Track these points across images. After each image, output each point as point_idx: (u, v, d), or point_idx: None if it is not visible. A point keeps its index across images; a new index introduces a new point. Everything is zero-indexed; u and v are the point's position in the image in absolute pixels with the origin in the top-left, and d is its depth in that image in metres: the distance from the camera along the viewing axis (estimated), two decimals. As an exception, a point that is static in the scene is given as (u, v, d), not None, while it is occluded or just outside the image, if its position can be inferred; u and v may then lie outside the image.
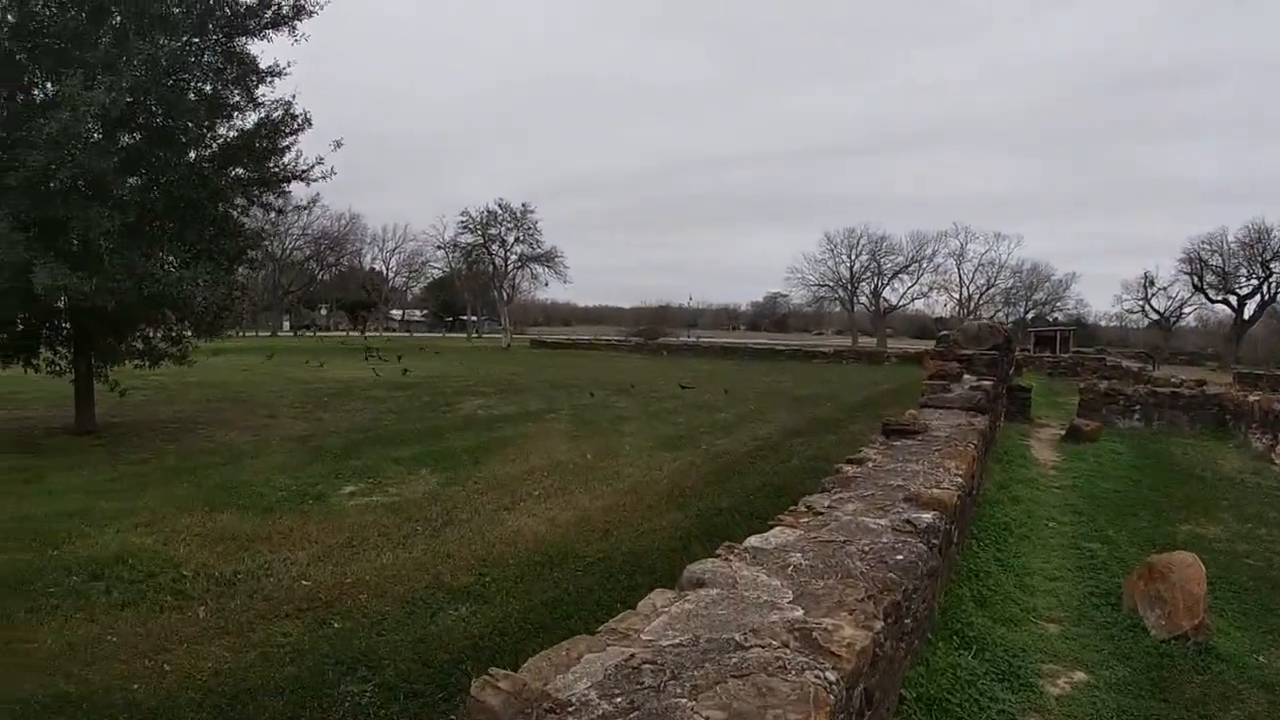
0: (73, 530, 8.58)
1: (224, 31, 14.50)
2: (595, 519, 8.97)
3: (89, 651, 5.70)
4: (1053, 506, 9.85)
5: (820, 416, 18.51)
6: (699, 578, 3.66)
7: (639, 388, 25.12)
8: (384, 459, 12.65)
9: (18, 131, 12.27)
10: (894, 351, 52.32)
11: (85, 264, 12.46)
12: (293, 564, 7.55)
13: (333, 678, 5.21)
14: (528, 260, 68.86)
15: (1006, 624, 5.69)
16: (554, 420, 17.25)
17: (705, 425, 16.57)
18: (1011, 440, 14.56)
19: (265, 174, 15.57)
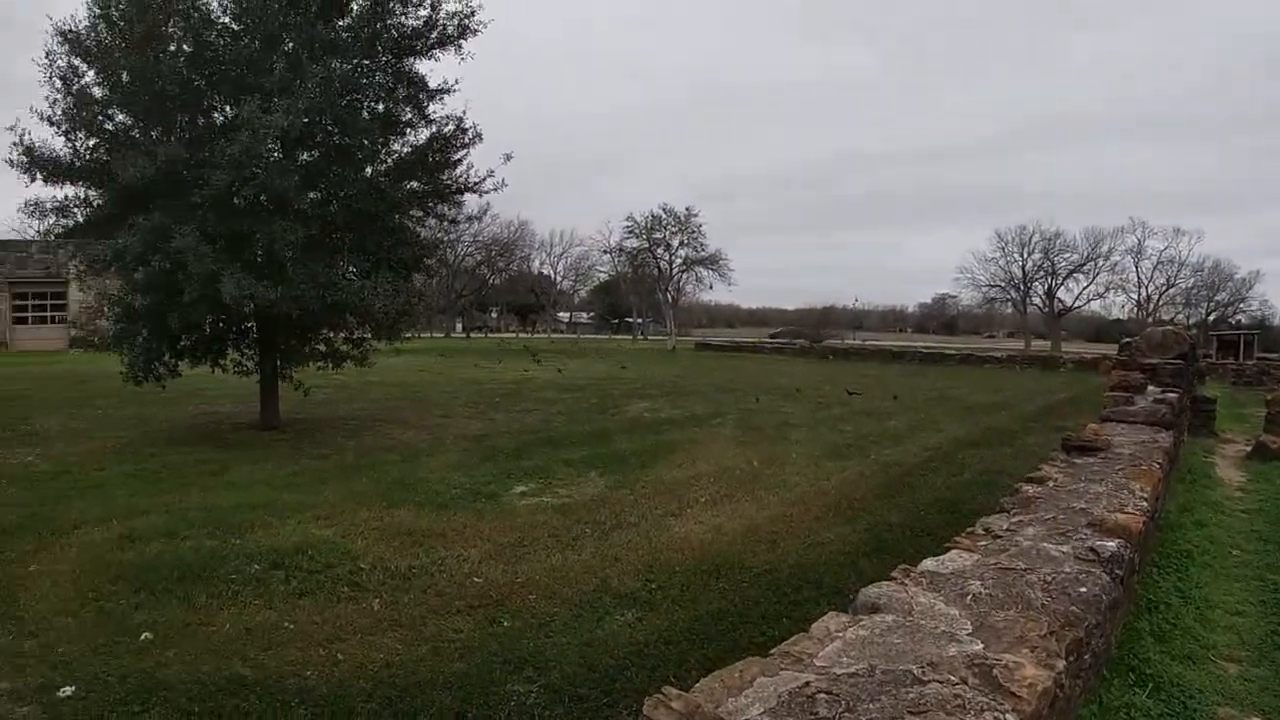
0: (255, 521, 8.97)
1: (392, 53, 15.11)
2: (762, 529, 8.83)
3: (266, 637, 5.94)
4: (1237, 532, 9.15)
5: (993, 426, 17.83)
6: (874, 602, 3.57)
7: (805, 392, 24.77)
8: (554, 460, 12.84)
9: (201, 153, 13.11)
10: (1069, 356, 49.57)
11: (270, 274, 13.21)
12: (465, 561, 7.71)
13: (500, 676, 5.27)
14: (692, 263, 69.03)
15: (1184, 661, 5.31)
16: (720, 425, 17.17)
17: (874, 433, 16.19)
18: (1194, 457, 13.65)
19: (439, 186, 16.15)
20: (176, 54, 13.53)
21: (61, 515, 9.28)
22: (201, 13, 13.66)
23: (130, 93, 13.42)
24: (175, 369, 15.07)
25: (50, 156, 13.85)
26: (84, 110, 13.78)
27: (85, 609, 6.53)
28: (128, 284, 14.71)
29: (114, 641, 5.88)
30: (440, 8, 15.00)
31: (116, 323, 14.93)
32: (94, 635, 5.99)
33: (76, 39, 13.56)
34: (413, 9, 14.95)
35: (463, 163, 16.03)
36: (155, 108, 13.52)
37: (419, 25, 15.02)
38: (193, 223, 12.66)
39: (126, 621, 6.24)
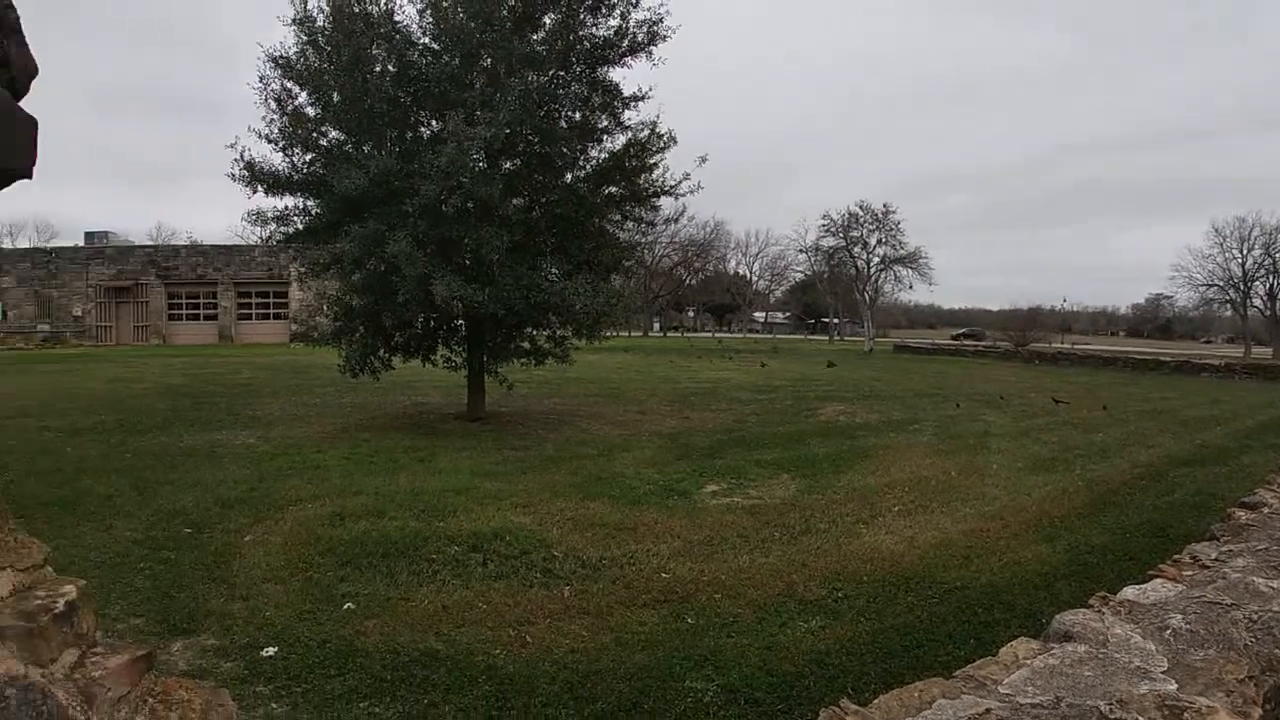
0: (458, 505, 9.44)
1: (586, 63, 15.47)
2: (955, 543, 8.53)
3: (460, 615, 6.25)
4: None
5: (1208, 443, 16.59)
6: (1067, 630, 3.42)
7: (1008, 400, 23.80)
8: (746, 461, 12.85)
9: (411, 165, 13.88)
10: (1294, 365, 45.00)
11: (478, 276, 13.95)
12: (654, 556, 7.85)
13: (679, 671, 5.34)
14: (890, 262, 67.24)
15: None
16: (917, 432, 16.73)
17: (1080, 446, 15.37)
18: None
19: (636, 190, 16.43)
20: (382, 74, 14.46)
21: (278, 492, 10.09)
22: (403, 35, 14.61)
23: (341, 111, 14.49)
24: (389, 363, 16.13)
25: (270, 171, 15.21)
26: (299, 128, 15.03)
27: (294, 578, 7.06)
28: (346, 285, 15.96)
29: (318, 609, 6.34)
30: (630, 16, 15.28)
31: (335, 320, 16.21)
32: (299, 602, 6.48)
33: (288, 64, 14.80)
34: (603, 19, 15.34)
35: (658, 166, 16.27)
36: (365, 124, 14.48)
37: (610, 35, 15.35)
38: (405, 229, 13.45)
39: (331, 591, 6.73)
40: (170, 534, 8.33)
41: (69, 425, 15.03)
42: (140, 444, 13.28)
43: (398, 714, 4.79)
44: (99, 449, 12.77)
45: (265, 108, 15.01)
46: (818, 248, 72.14)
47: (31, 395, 19.91)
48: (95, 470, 11.22)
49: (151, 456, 12.30)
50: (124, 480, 10.65)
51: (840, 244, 68.55)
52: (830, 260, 72.42)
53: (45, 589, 2.04)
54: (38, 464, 11.55)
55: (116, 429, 14.71)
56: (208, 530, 8.48)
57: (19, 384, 22.81)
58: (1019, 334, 64.41)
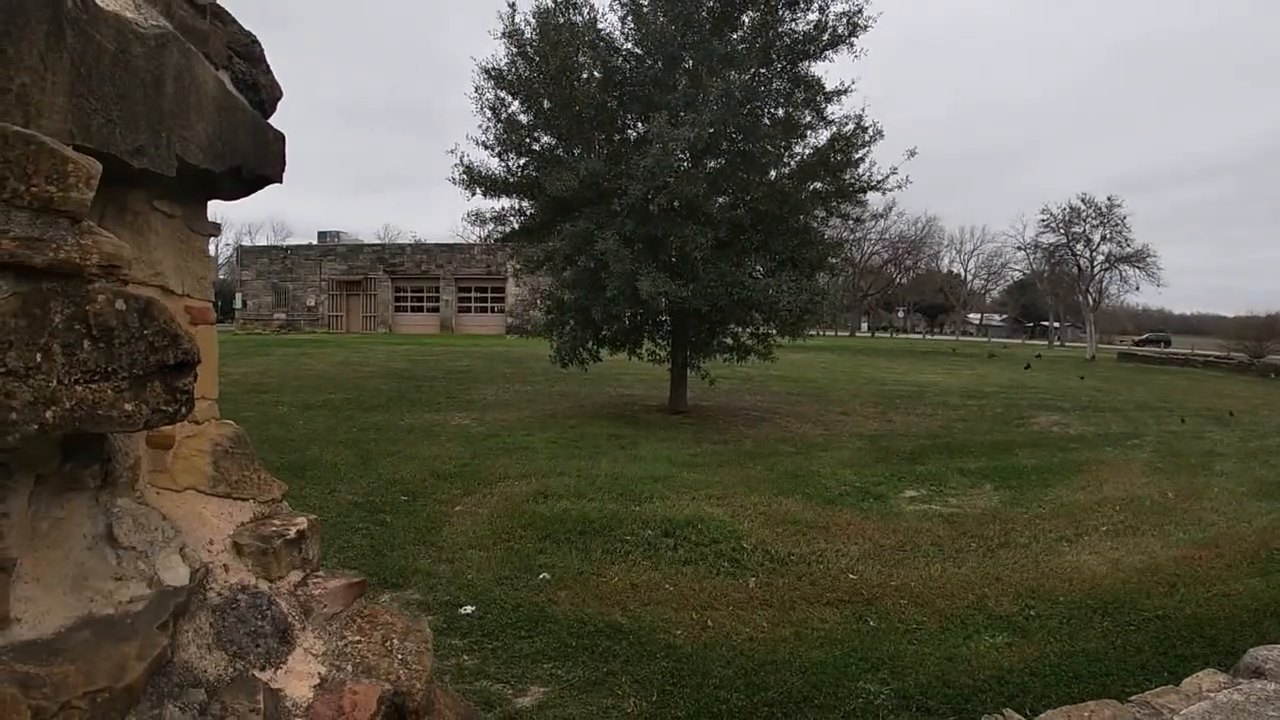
0: (654, 492, 9.82)
1: (786, 59, 15.59)
2: (1163, 569, 8.02)
3: (646, 594, 6.53)
4: None
5: None
6: (1259, 666, 3.27)
7: (1239, 417, 22.13)
8: (948, 468, 12.60)
9: (618, 166, 14.37)
10: None
11: (683, 273, 14.31)
12: (843, 556, 7.87)
13: (854, 672, 5.36)
14: (1115, 261, 62.76)
15: None
16: (1135, 447, 15.81)
17: (1316, 472, 14.17)
18: None
19: (841, 186, 16.37)
20: (589, 81, 15.06)
21: (488, 469, 10.80)
22: (607, 42, 15.25)
23: (551, 117, 15.26)
24: (597, 354, 16.80)
25: (487, 174, 16.16)
26: (513, 135, 15.85)
27: (496, 546, 7.62)
28: (558, 281, 16.77)
29: (515, 576, 6.83)
30: (829, 9, 15.29)
31: (547, 313, 17.10)
32: (499, 568, 6.99)
33: (500, 75, 15.62)
34: (801, 14, 15.41)
35: (864, 161, 16.18)
36: (574, 129, 15.17)
37: (809, 29, 15.42)
38: (613, 228, 14.01)
39: (529, 562, 7.21)
40: (388, 500, 9.14)
41: (301, 401, 16.44)
42: (365, 420, 14.36)
43: (578, 678, 5.08)
44: (327, 423, 13.89)
45: (481, 116, 16.02)
46: (1036, 245, 68.26)
47: (268, 374, 21.81)
48: (323, 441, 12.25)
49: (375, 431, 13.30)
50: (349, 451, 11.59)
51: (1061, 240, 64.62)
52: (1050, 258, 68.58)
53: (281, 519, 2.49)
54: (271, 433, 12.72)
55: (344, 406, 15.95)
56: (421, 499, 9.20)
57: (257, 364, 24.94)
58: (1255, 344, 59.11)
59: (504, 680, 5.01)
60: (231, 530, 2.31)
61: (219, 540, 2.25)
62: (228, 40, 2.42)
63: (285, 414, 14.74)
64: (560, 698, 4.83)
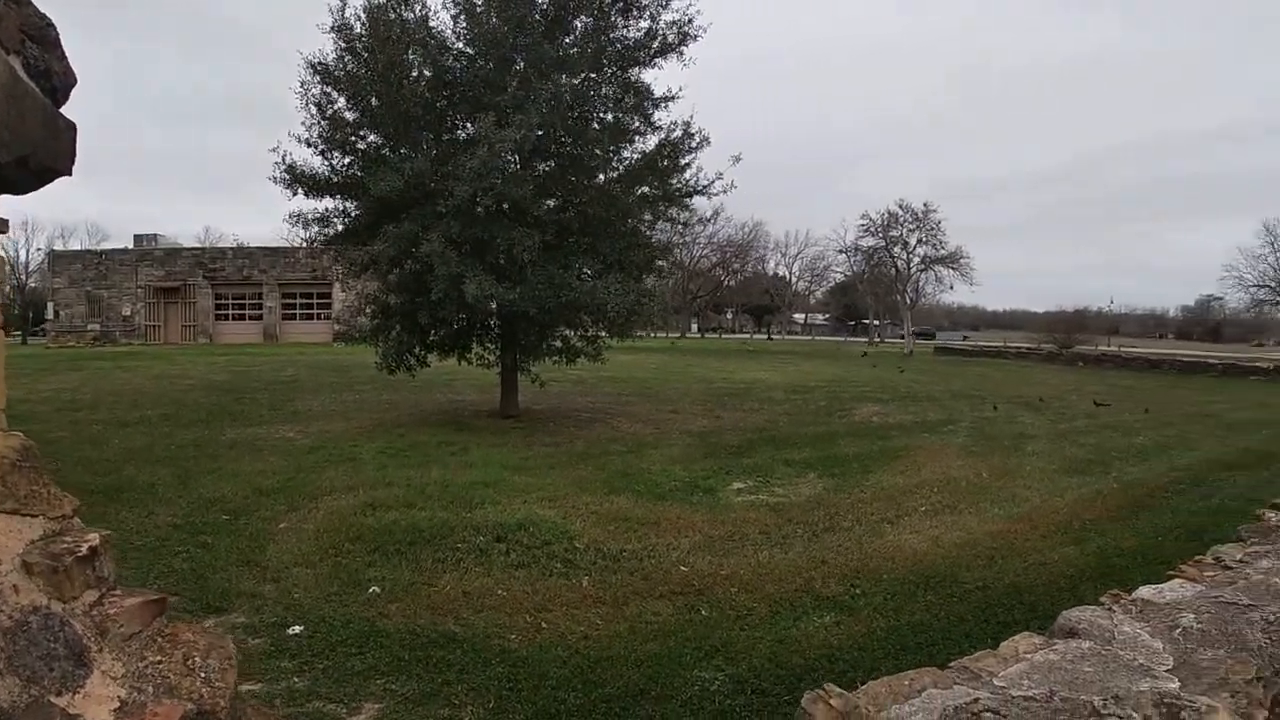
0: (486, 498, 9.63)
1: (617, 65, 15.64)
2: (981, 544, 8.48)
3: (479, 601, 6.41)
4: None
5: (1252, 448, 16.28)
6: (1072, 626, 3.41)
7: (1048, 402, 23.53)
8: (774, 459, 12.87)
9: (445, 167, 14.09)
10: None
11: (510, 276, 14.16)
12: (674, 550, 7.93)
13: (689, 661, 5.43)
14: (931, 262, 66.33)
15: None
16: (951, 433, 16.62)
17: (1118, 449, 15.20)
18: None
19: (668, 191, 16.43)
20: (418, 79, 14.73)
21: (314, 483, 10.36)
22: (438, 40, 14.86)
23: (378, 115, 14.77)
24: (424, 361, 16.46)
25: (310, 174, 15.50)
26: (338, 132, 15.29)
27: (323, 562, 7.29)
28: (383, 285, 16.22)
29: (344, 592, 6.56)
30: (660, 17, 15.42)
31: (373, 318, 16.49)
32: (327, 585, 6.70)
33: (326, 70, 15.05)
34: (634, 21, 15.49)
35: (691, 166, 16.33)
36: (401, 128, 14.78)
37: (640, 36, 15.51)
38: (439, 230, 13.68)
39: (358, 576, 6.94)
40: (208, 520, 8.63)
41: (116, 418, 15.48)
42: (184, 436, 13.62)
43: (413, 691, 4.93)
44: (144, 441, 13.12)
45: (306, 113, 15.34)
46: (857, 248, 71.34)
47: (81, 390, 20.47)
48: (139, 460, 11.56)
49: (194, 448, 12.62)
50: (167, 470, 10.96)
51: (880, 244, 67.73)
52: (870, 260, 71.64)
53: (72, 536, 2.30)
54: (84, 454, 11.93)
55: (161, 422, 15.09)
56: (244, 517, 8.75)
57: (70, 380, 23.32)
58: (1063, 336, 63.48)
59: (337, 700, 4.81)
60: (20, 549, 2.13)
61: (7, 560, 2.08)
62: (20, 23, 2.24)
63: (99, 433, 13.84)
64: (395, 713, 4.68)
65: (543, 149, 15.14)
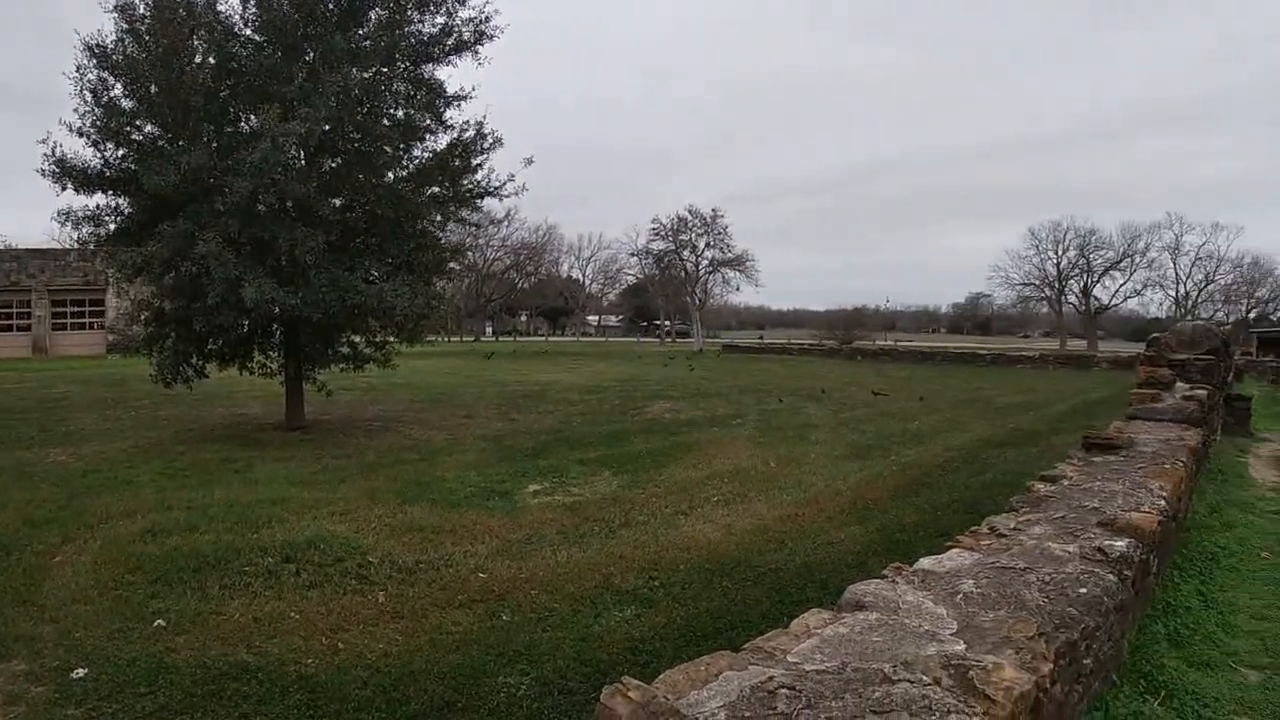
0: (273, 516, 9.17)
1: (411, 60, 15.24)
2: (772, 528, 8.80)
3: (272, 626, 6.09)
4: (1269, 534, 8.92)
5: (1021, 427, 17.64)
6: (859, 600, 3.52)
7: (830, 394, 24.65)
8: (569, 460, 12.90)
9: (225, 161, 13.29)
10: (1105, 356, 48.79)
11: (292, 279, 13.50)
12: (472, 556, 7.80)
13: (494, 668, 5.35)
14: (719, 265, 68.66)
15: (1202, 668, 5.14)
16: (740, 426, 17.13)
17: (896, 434, 16.08)
18: (1227, 456, 13.43)
19: (459, 191, 16.15)
20: (202, 66, 13.79)
21: (89, 510, 9.52)
22: (225, 25, 13.99)
23: (157, 104, 13.70)
24: (203, 371, 15.44)
25: (80, 167, 14.14)
26: (113, 121, 14.03)
27: (103, 597, 6.72)
28: (157, 289, 15.10)
29: (128, 628, 6.07)
30: (457, 14, 15.14)
31: (147, 326, 15.30)
32: (110, 622, 6.18)
33: (104, 53, 13.83)
34: (429, 16, 15.12)
35: (483, 167, 16.06)
36: (181, 118, 13.74)
37: (436, 32, 15.16)
38: (217, 229, 12.87)
39: (142, 609, 6.44)
40: (-25, 559, 7.77)
41: None
42: (-59, 466, 12.25)
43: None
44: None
45: (80, 99, 13.99)
46: (648, 251, 73.00)
47: None
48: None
49: (-47, 479, 11.38)
50: (-78, 506, 9.82)
51: (670, 247, 69.53)
52: (660, 263, 73.28)
53: None
54: None
55: (-88, 452, 13.53)
56: (16, 553, 7.94)
57: None
58: (843, 332, 67.15)
59: (128, 748, 4.45)
60: None
61: None
62: None
63: None
64: (192, 755, 4.37)
65: (329, 145, 14.58)
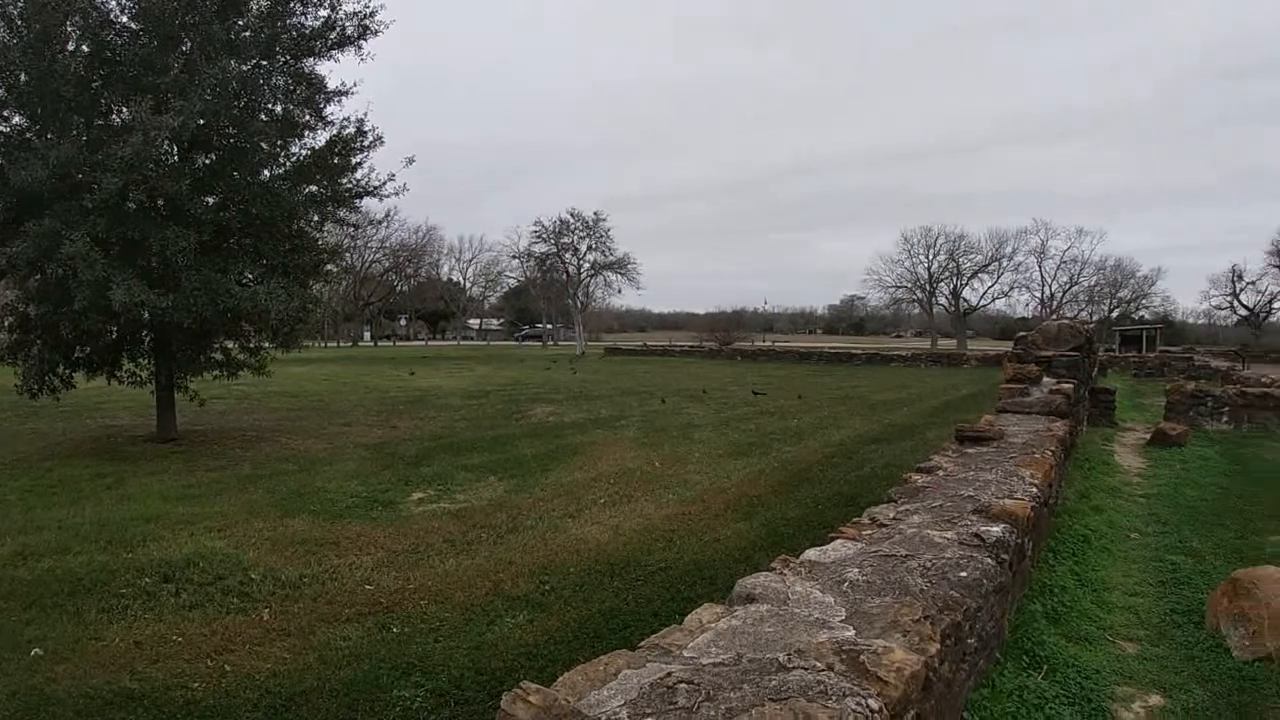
0: (148, 534, 8.82)
1: (291, 54, 14.84)
2: (659, 528, 8.88)
3: (154, 650, 5.85)
4: (1136, 516, 9.43)
5: (896, 422, 18.16)
6: (750, 593, 3.56)
7: (711, 394, 24.96)
8: (454, 466, 12.75)
9: (95, 156, 12.62)
10: (974, 354, 50.97)
11: (164, 281, 12.92)
12: (358, 569, 7.64)
13: (387, 682, 5.25)
14: (600, 268, 68.65)
15: (1081, 643, 5.41)
16: (624, 427, 17.19)
17: (777, 432, 16.36)
18: (1094, 446, 14.08)
19: (338, 190, 15.72)
20: (75, 54, 13.09)
21: (-48, 535, 8.97)
22: (100, 12, 13.25)
23: (26, 94, 12.94)
24: (70, 381, 14.74)
25: None
26: None
27: None
28: (22, 293, 14.23)
29: (4, 658, 5.79)
30: (340, 8, 14.80)
31: (10, 333, 14.43)
32: None
33: None
34: (312, 9, 14.74)
35: (363, 166, 15.72)
36: (50, 109, 13.02)
37: (318, 26, 14.78)
38: (85, 228, 12.23)
39: (16, 638, 6.13)
40: None
41: None
42: None
43: (95, 762, 4.41)
44: None
45: None
46: (530, 254, 72.45)
47: None
48: None
49: None
50: None
51: (552, 250, 69.21)
52: (542, 266, 72.94)
53: None
54: None
55: None
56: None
57: None
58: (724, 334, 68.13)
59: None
60: None
61: None
62: None
63: None
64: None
65: (204, 140, 14.05)
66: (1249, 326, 69.02)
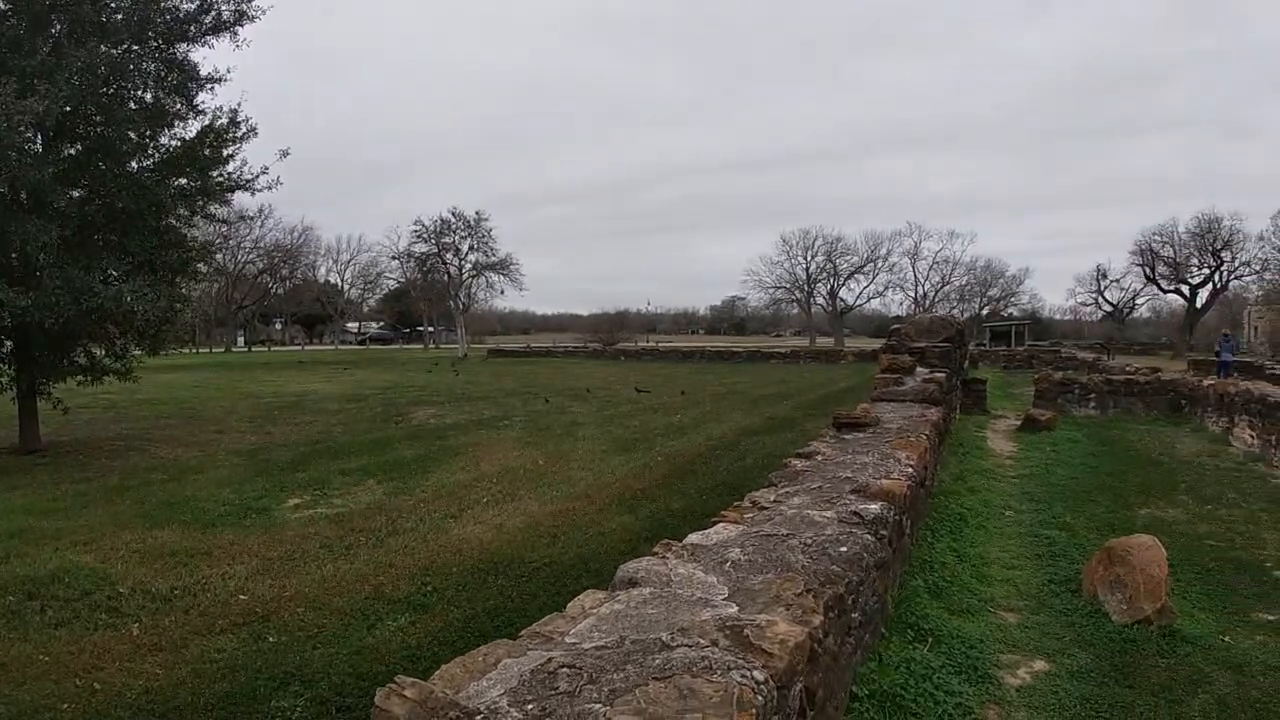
0: (10, 550, 8.39)
1: (164, 38, 14.19)
2: (544, 524, 8.84)
3: (20, 671, 5.55)
4: (1010, 495, 9.80)
5: (776, 415, 18.48)
6: (632, 577, 3.52)
7: (594, 393, 25.00)
8: (331, 471, 12.45)
9: None
10: (851, 350, 52.84)
11: (24, 279, 12.27)
12: (231, 579, 7.37)
13: (265, 693, 5.06)
14: (483, 269, 67.98)
15: (963, 615, 5.58)
16: (507, 427, 17.07)
17: (660, 428, 16.47)
18: (967, 432, 14.57)
19: (208, 184, 15.11)
20: None
21: None
22: None
23: None
24: None
25: None
26: None
27: None
28: None
29: None
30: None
31: None
32: None
33: None
34: None
35: (235, 158, 15.21)
36: None
37: (193, 9, 14.21)
38: None
39: None
40: None
41: None
42: None
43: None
44: None
45: None
46: (410, 254, 71.24)
47: None
48: None
49: None
50: None
51: (433, 250, 68.18)
52: (423, 267, 71.80)
53: None
54: None
55: None
56: None
57: None
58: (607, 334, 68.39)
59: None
60: None
61: None
62: None
63: None
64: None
65: (69, 129, 13.41)
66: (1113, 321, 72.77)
